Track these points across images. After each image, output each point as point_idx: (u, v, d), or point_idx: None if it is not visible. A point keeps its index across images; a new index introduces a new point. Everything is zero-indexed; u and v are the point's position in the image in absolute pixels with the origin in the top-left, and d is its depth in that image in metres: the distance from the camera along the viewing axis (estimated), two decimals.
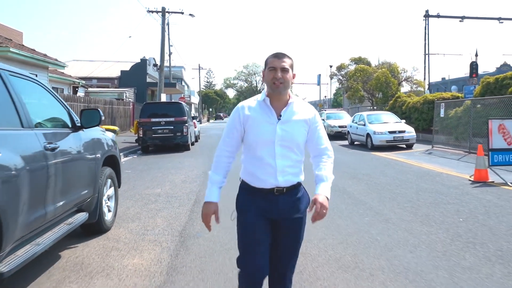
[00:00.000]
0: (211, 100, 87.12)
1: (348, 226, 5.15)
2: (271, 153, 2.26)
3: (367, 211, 5.90)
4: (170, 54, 34.46)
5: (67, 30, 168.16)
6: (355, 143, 17.91)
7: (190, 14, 26.71)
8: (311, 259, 3.99)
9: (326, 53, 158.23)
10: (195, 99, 70.47)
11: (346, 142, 18.80)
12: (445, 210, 5.87)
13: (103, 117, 4.76)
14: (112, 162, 5.29)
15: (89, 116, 4.37)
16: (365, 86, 29.23)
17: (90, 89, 30.08)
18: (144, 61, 37.76)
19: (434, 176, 8.96)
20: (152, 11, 25.39)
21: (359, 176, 9.08)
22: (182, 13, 26.34)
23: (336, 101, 75.35)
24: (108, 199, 5.13)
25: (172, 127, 15.71)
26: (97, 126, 4.71)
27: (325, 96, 60.93)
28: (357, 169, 10.21)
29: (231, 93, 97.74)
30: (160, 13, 25.55)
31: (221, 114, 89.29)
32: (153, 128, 15.61)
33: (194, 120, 20.76)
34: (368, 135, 15.99)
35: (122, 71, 36.83)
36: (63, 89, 22.68)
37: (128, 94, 32.81)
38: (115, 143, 5.52)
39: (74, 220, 4.07)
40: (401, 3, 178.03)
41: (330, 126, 21.98)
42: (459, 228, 4.98)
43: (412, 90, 28.10)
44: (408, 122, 19.10)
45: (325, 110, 29.09)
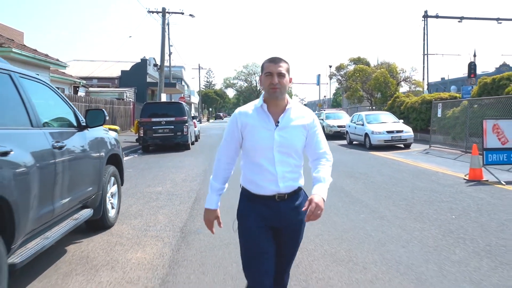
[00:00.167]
0: (211, 100, 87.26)
1: (344, 223, 5.31)
2: (270, 160, 2.23)
3: (363, 209, 6.07)
4: (170, 54, 34.61)
5: (67, 30, 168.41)
6: (354, 143, 18.08)
7: (190, 15, 26.89)
8: (307, 254, 4.15)
9: (326, 53, 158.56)
10: (195, 99, 70.61)
11: (345, 142, 18.96)
12: (439, 208, 6.04)
13: (108, 117, 4.92)
14: (115, 161, 5.46)
15: (94, 116, 4.54)
16: (364, 86, 29.40)
17: (91, 89, 30.22)
18: (144, 61, 37.92)
19: (430, 175, 9.12)
20: (153, 12, 25.55)
21: (356, 175, 9.25)
22: (182, 14, 26.50)
23: (336, 101, 75.53)
24: (112, 196, 5.29)
25: (173, 127, 15.89)
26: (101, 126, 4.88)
27: (325, 96, 61.15)
28: (355, 168, 10.38)
29: (231, 93, 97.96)
30: (161, 14, 25.72)
31: (221, 114, 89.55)
32: (154, 128, 15.79)
33: (194, 120, 20.94)
34: (366, 135, 16.16)
35: (123, 71, 37.01)
36: (64, 89, 22.82)
37: (129, 94, 32.97)
38: (118, 142, 5.69)
39: (80, 216, 4.24)
40: (400, 4, 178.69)
41: (329, 126, 22.17)
42: (451, 225, 5.15)
43: (411, 90, 28.26)
44: (407, 122, 19.26)
45: (324, 110, 29.32)
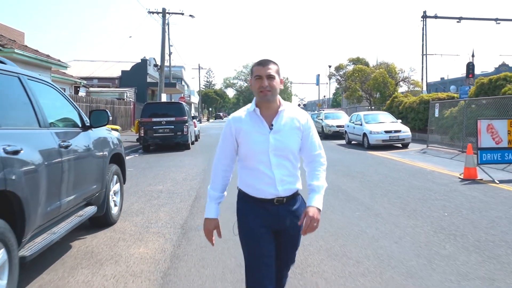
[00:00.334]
0: (211, 100, 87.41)
1: (340, 220, 5.48)
2: (267, 164, 2.22)
3: (359, 207, 6.24)
4: (170, 54, 34.74)
5: (68, 30, 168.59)
6: (352, 143, 18.24)
7: (190, 15, 27.14)
8: (303, 249, 4.31)
9: (325, 53, 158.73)
10: (195, 99, 70.80)
11: (344, 142, 19.13)
12: (432, 206, 6.20)
13: (111, 117, 5.09)
14: (118, 160, 5.63)
15: (98, 116, 4.71)
16: (363, 86, 29.57)
17: (91, 89, 30.38)
18: (145, 61, 38.09)
19: (426, 174, 9.30)
20: (153, 12, 25.74)
21: (353, 174, 9.42)
22: (182, 14, 26.69)
23: (336, 101, 75.66)
24: (114, 194, 5.46)
25: (173, 127, 16.07)
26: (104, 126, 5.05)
27: (324, 96, 61.28)
28: (352, 167, 10.55)
29: (231, 93, 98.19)
30: (161, 14, 25.89)
31: (221, 114, 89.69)
32: (154, 128, 15.98)
33: (194, 120, 21.11)
34: (365, 135, 16.32)
35: (123, 71, 37.18)
36: (65, 89, 22.97)
37: (129, 94, 33.14)
38: (120, 142, 5.86)
39: (84, 213, 4.42)
40: (399, 4, 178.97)
41: (328, 126, 22.35)
42: (443, 222, 5.32)
43: (410, 90, 28.44)
44: (405, 122, 19.43)
45: (323, 110, 29.47)
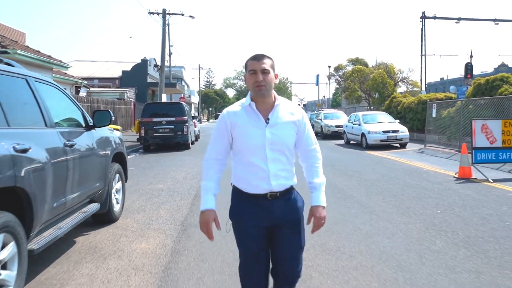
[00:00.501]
0: (211, 100, 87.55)
1: (335, 217, 5.64)
2: (263, 158, 2.21)
3: (354, 204, 6.40)
4: (171, 55, 34.86)
5: (68, 31, 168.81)
6: (351, 142, 18.41)
7: (191, 16, 27.26)
8: None
9: (325, 54, 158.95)
10: (195, 99, 70.97)
11: (343, 142, 19.30)
12: (426, 203, 6.37)
13: (114, 118, 5.26)
14: (120, 159, 5.80)
15: (101, 116, 4.88)
16: (362, 87, 29.74)
17: (92, 89, 30.56)
18: (145, 62, 38.26)
19: (422, 173, 9.46)
20: (153, 13, 25.91)
21: (351, 173, 9.58)
22: (183, 15, 26.83)
23: (336, 101, 75.83)
24: (117, 192, 5.63)
25: (173, 127, 16.24)
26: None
27: (324, 96, 61.44)
28: (350, 167, 10.72)
29: (231, 93, 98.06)
30: (161, 15, 26.05)
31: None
32: (155, 128, 16.16)
33: (194, 120, 21.29)
34: (363, 135, 16.49)
35: (123, 71, 37.35)
36: (66, 89, 23.04)
37: (129, 94, 33.30)
38: (122, 141, 6.03)
39: (88, 210, 4.58)
40: (398, 5, 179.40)
41: (327, 126, 22.53)
42: (436, 219, 5.48)
43: (408, 91, 28.61)
44: (403, 122, 19.61)
45: (323, 110, 29.63)
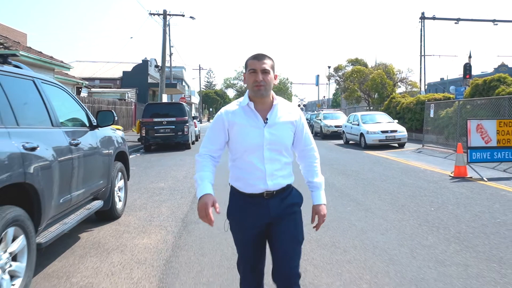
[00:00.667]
0: (211, 100, 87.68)
1: (331, 214, 5.79)
2: (260, 158, 2.22)
3: (350, 202, 6.56)
4: (171, 55, 35.10)
5: (69, 31, 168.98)
6: (350, 142, 18.57)
7: (191, 17, 27.41)
8: None
9: (325, 54, 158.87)
10: (196, 99, 71.13)
11: (342, 142, 19.46)
12: (420, 201, 6.53)
13: (117, 118, 5.43)
14: (122, 157, 5.96)
15: (104, 117, 5.05)
16: (362, 87, 29.90)
17: (93, 90, 30.72)
18: (146, 62, 38.43)
19: (418, 173, 9.62)
20: (154, 14, 26.07)
21: (349, 173, 9.74)
22: (183, 16, 27.01)
23: (336, 101, 75.97)
24: (119, 190, 5.79)
25: (174, 127, 16.42)
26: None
27: (324, 97, 61.55)
28: (348, 166, 10.88)
29: (231, 93, 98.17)
30: (162, 16, 26.22)
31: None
32: (155, 128, 16.33)
33: (195, 120, 21.47)
34: (362, 135, 16.65)
35: (124, 72, 37.53)
36: None
37: (130, 95, 33.48)
38: (124, 141, 6.20)
39: (92, 206, 4.75)
40: (398, 6, 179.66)
41: (327, 126, 22.69)
42: (429, 216, 5.64)
43: (407, 91, 28.76)
44: (402, 122, 19.77)
45: (322, 110, 29.78)
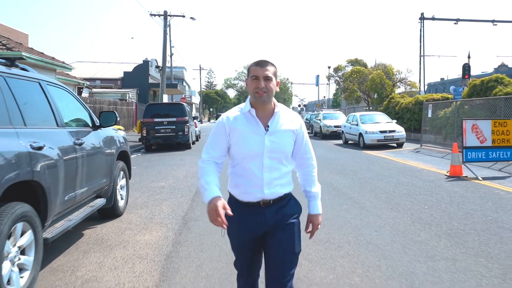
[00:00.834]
0: (212, 100, 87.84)
1: (328, 212, 5.94)
2: (259, 166, 2.20)
3: (347, 201, 6.72)
4: (172, 55, 35.27)
5: (69, 32, 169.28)
6: (349, 142, 18.72)
7: (191, 18, 27.56)
8: None
9: (325, 54, 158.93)
10: (196, 99, 71.36)
11: (341, 142, 19.61)
12: (415, 200, 6.68)
13: (119, 118, 5.59)
14: (124, 157, 6.12)
15: (107, 117, 5.21)
16: (361, 87, 30.06)
17: (94, 90, 30.88)
18: (146, 63, 38.65)
19: (415, 172, 9.77)
20: (155, 15, 26.25)
21: (346, 172, 9.89)
22: (184, 16, 27.16)
23: (336, 102, 76.10)
24: (121, 189, 5.95)
25: (174, 127, 16.58)
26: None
27: (324, 97, 61.68)
28: (346, 166, 11.03)
29: (232, 93, 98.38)
30: (162, 16, 26.37)
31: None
32: (156, 128, 16.50)
33: (195, 120, 21.63)
34: (361, 135, 16.79)
35: (125, 72, 37.75)
36: None
37: (131, 95, 33.64)
38: (126, 140, 6.36)
39: (95, 204, 4.91)
40: (397, 6, 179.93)
41: (326, 126, 22.84)
42: (422, 214, 5.79)
43: (407, 91, 28.91)
44: (401, 122, 19.91)
45: (322, 111, 29.94)
